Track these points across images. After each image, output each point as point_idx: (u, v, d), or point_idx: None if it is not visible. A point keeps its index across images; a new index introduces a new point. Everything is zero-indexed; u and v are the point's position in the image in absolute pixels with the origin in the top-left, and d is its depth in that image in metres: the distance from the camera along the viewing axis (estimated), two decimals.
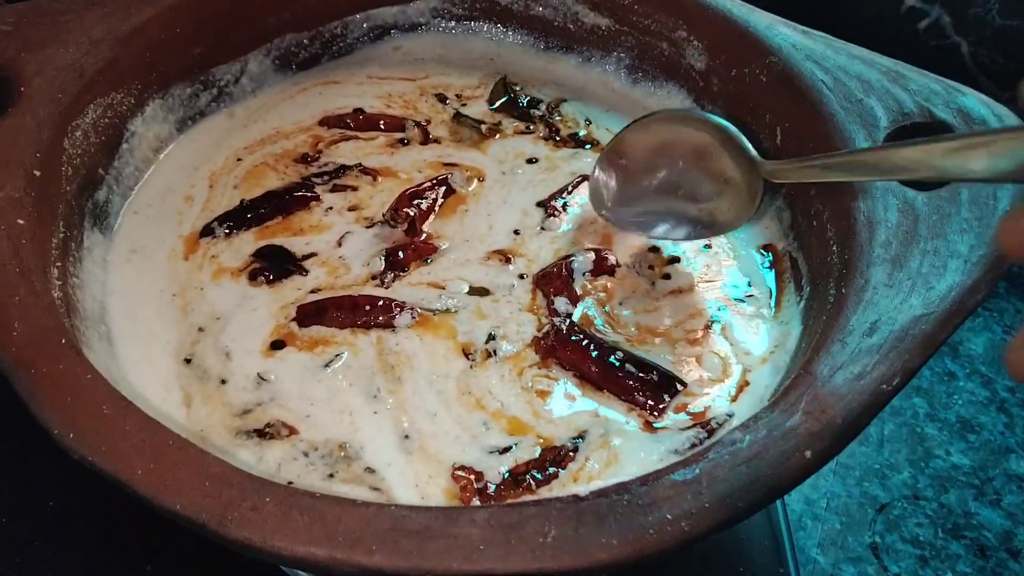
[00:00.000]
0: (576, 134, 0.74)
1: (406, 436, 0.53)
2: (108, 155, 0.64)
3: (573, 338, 0.58)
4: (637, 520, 0.41)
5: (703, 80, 0.73)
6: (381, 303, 0.59)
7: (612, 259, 0.64)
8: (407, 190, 0.66)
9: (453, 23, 0.80)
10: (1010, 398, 0.80)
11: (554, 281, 0.62)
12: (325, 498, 0.41)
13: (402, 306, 0.59)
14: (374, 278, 0.62)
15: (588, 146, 0.73)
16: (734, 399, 0.56)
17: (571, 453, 0.52)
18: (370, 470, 0.51)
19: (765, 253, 0.65)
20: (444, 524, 0.40)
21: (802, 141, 0.63)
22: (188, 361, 0.57)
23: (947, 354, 0.84)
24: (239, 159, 0.70)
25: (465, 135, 0.72)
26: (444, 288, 0.62)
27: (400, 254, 0.63)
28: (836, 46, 0.66)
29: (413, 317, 0.59)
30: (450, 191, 0.68)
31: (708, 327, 0.60)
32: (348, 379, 0.56)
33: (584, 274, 0.63)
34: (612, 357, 0.57)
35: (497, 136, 0.73)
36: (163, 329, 0.58)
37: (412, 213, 0.65)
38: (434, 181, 0.68)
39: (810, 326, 0.56)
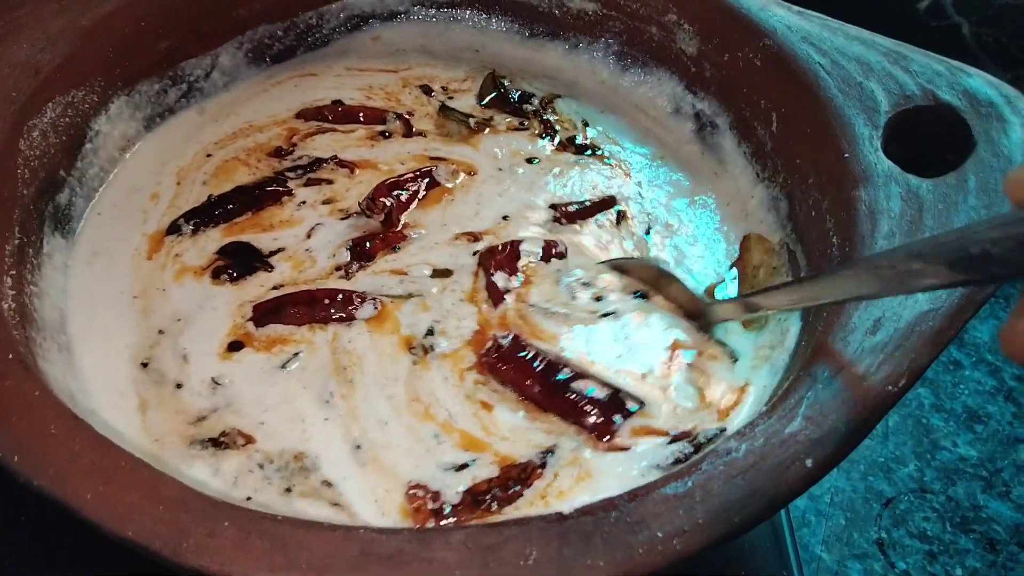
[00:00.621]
0: (574, 138, 0.71)
1: (357, 446, 0.50)
2: (70, 156, 0.61)
3: (519, 354, 0.54)
4: (625, 539, 0.38)
5: (695, 65, 0.70)
6: (341, 296, 0.57)
7: (562, 247, 0.62)
8: (386, 180, 0.64)
9: (434, 11, 0.77)
10: (1018, 387, 0.79)
11: (496, 256, 0.60)
12: (287, 521, 0.38)
13: (363, 297, 0.57)
14: (338, 269, 0.59)
15: (589, 152, 0.70)
16: (724, 416, 0.52)
17: (538, 469, 0.49)
18: (327, 483, 0.49)
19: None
20: (417, 548, 0.38)
21: (799, 127, 0.61)
22: (145, 365, 0.54)
23: (952, 342, 0.82)
24: (209, 155, 0.67)
25: (452, 129, 0.69)
26: (407, 274, 0.59)
27: (367, 244, 0.61)
28: (833, 27, 0.63)
29: (375, 307, 0.57)
30: (434, 184, 0.65)
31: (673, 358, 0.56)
32: (302, 381, 0.53)
33: (530, 256, 0.61)
34: (559, 374, 0.53)
35: (488, 131, 0.70)
36: (122, 332, 0.56)
37: (389, 203, 0.62)
38: (417, 173, 0.65)
39: (810, 323, 0.53)
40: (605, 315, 0.58)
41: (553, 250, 0.62)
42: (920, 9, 0.94)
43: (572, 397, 0.52)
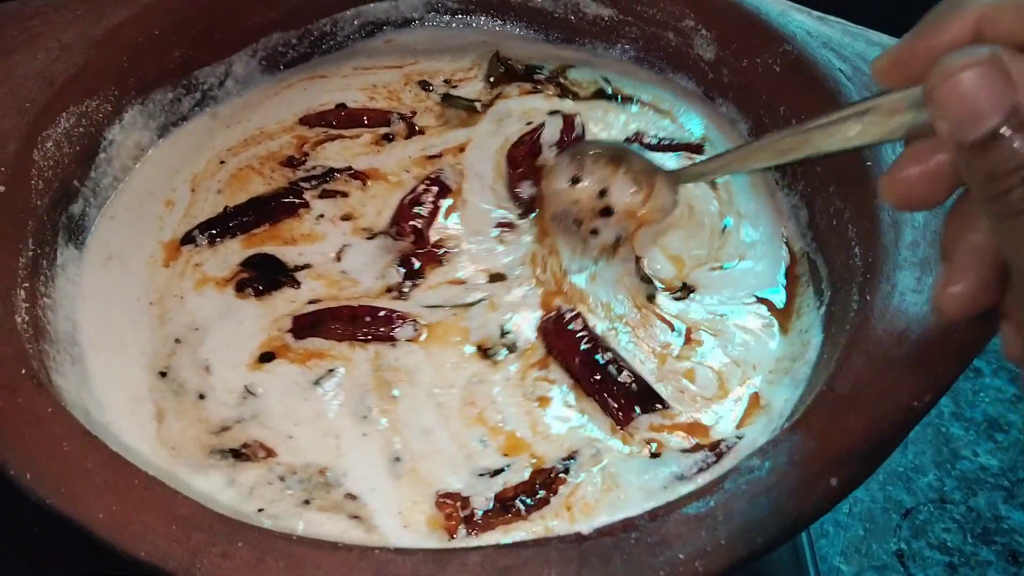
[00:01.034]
0: (602, 91, 0.70)
1: (396, 458, 0.50)
2: (84, 166, 0.61)
3: (570, 327, 0.55)
4: (646, 560, 0.37)
5: (712, 71, 0.69)
6: (382, 314, 0.56)
7: (579, 127, 0.63)
8: (404, 199, 0.63)
9: (448, 17, 0.76)
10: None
11: (520, 148, 0.61)
12: (302, 541, 0.38)
13: (404, 317, 0.56)
14: (390, 290, 0.58)
15: (619, 99, 0.70)
16: (741, 423, 0.52)
17: (562, 475, 0.49)
18: (351, 496, 0.48)
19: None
20: (433, 569, 0.37)
21: None
22: (163, 374, 0.54)
23: None
24: (222, 162, 0.66)
25: (452, 116, 0.69)
26: (465, 283, 0.59)
27: (414, 260, 0.60)
28: (854, 32, 0.62)
29: (415, 329, 0.56)
30: (444, 188, 0.64)
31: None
32: (339, 398, 0.53)
33: (551, 147, 0.62)
34: (599, 356, 0.54)
35: (495, 104, 0.70)
36: (137, 339, 0.55)
37: (418, 225, 0.61)
38: (427, 182, 0.64)
39: (832, 335, 0.52)
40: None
41: (571, 131, 0.63)
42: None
43: (603, 378, 0.53)
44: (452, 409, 0.52)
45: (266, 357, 0.54)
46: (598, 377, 0.53)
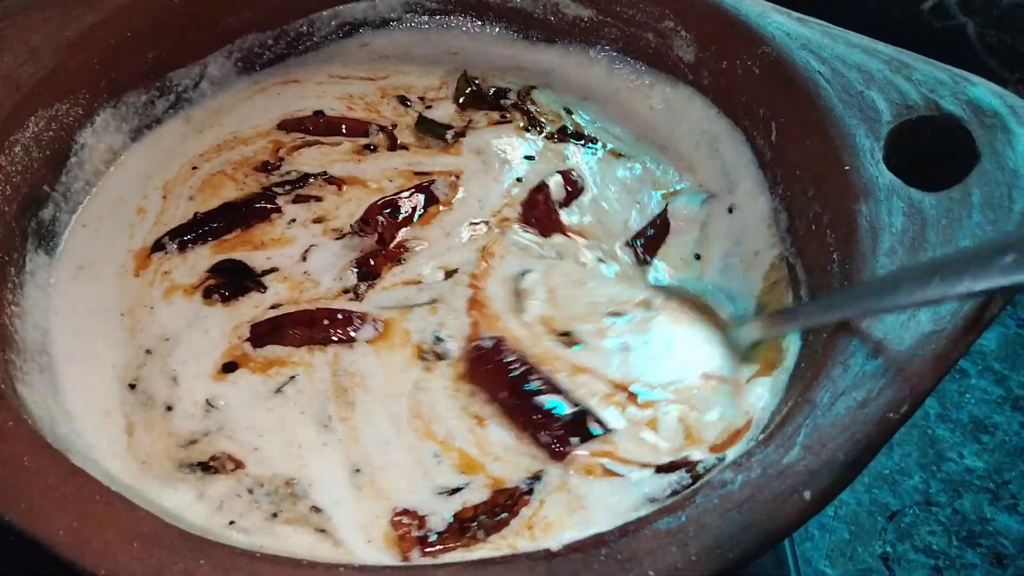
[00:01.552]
0: (565, 128, 0.69)
1: (357, 469, 0.49)
2: (54, 170, 0.60)
3: (497, 357, 0.53)
4: None
5: (692, 73, 0.68)
6: (340, 316, 0.56)
7: (579, 179, 0.65)
8: (379, 199, 0.62)
9: (426, 17, 0.75)
10: None
11: (536, 209, 0.61)
12: (266, 558, 0.37)
13: (363, 318, 0.56)
14: (346, 292, 0.58)
15: (581, 140, 0.69)
16: (720, 448, 0.51)
17: (524, 496, 0.48)
18: (316, 509, 0.47)
19: None
20: None
21: (799, 137, 0.59)
22: (132, 387, 0.53)
23: None
24: (195, 167, 0.65)
25: (432, 142, 0.68)
26: (421, 282, 0.58)
27: (371, 261, 0.59)
28: (834, 34, 0.61)
29: (376, 329, 0.56)
30: (432, 199, 0.64)
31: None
32: (300, 406, 0.52)
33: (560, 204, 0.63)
34: (529, 384, 0.52)
35: (467, 134, 0.69)
36: (109, 351, 0.55)
37: (382, 221, 0.60)
38: (413, 189, 0.64)
39: (810, 343, 0.51)
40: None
41: (571, 187, 0.64)
42: (924, 9, 0.93)
43: (533, 409, 0.51)
44: (403, 420, 0.52)
45: (228, 367, 0.54)
46: (528, 408, 0.51)
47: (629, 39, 0.71)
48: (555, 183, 0.64)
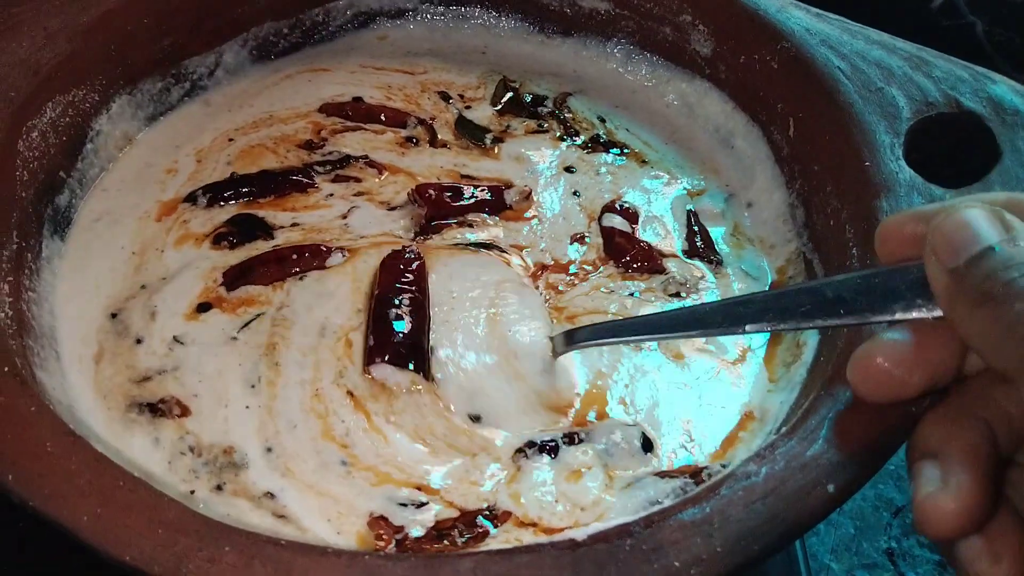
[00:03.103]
0: (598, 136, 0.69)
1: (268, 448, 0.49)
2: (70, 156, 0.60)
3: (400, 262, 0.56)
4: (640, 568, 0.37)
5: (710, 67, 0.68)
6: (309, 250, 0.57)
7: (629, 206, 0.64)
8: (446, 182, 0.64)
9: (442, 8, 0.75)
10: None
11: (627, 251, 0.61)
12: (291, 546, 0.37)
13: (329, 246, 0.58)
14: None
15: (616, 150, 0.68)
16: (719, 455, 0.50)
17: (506, 512, 0.47)
18: (270, 495, 0.47)
19: None
20: (425, 574, 0.36)
21: (817, 133, 0.59)
22: (114, 316, 0.54)
23: None
24: (231, 139, 0.66)
25: (470, 144, 0.68)
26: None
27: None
28: (853, 30, 0.61)
29: (343, 255, 0.57)
30: (500, 205, 0.63)
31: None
32: (240, 356, 0.53)
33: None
34: (396, 302, 0.54)
35: (506, 140, 0.68)
36: (110, 283, 0.56)
37: (433, 195, 0.61)
38: (486, 186, 0.64)
39: (828, 337, 0.51)
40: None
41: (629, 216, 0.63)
42: (934, 8, 0.93)
43: (383, 321, 0.53)
44: (306, 400, 0.51)
45: (203, 307, 0.55)
46: (380, 319, 0.52)
47: (646, 32, 0.71)
48: (619, 222, 0.63)
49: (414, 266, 0.56)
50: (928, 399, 0.40)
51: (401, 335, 0.52)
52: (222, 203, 0.61)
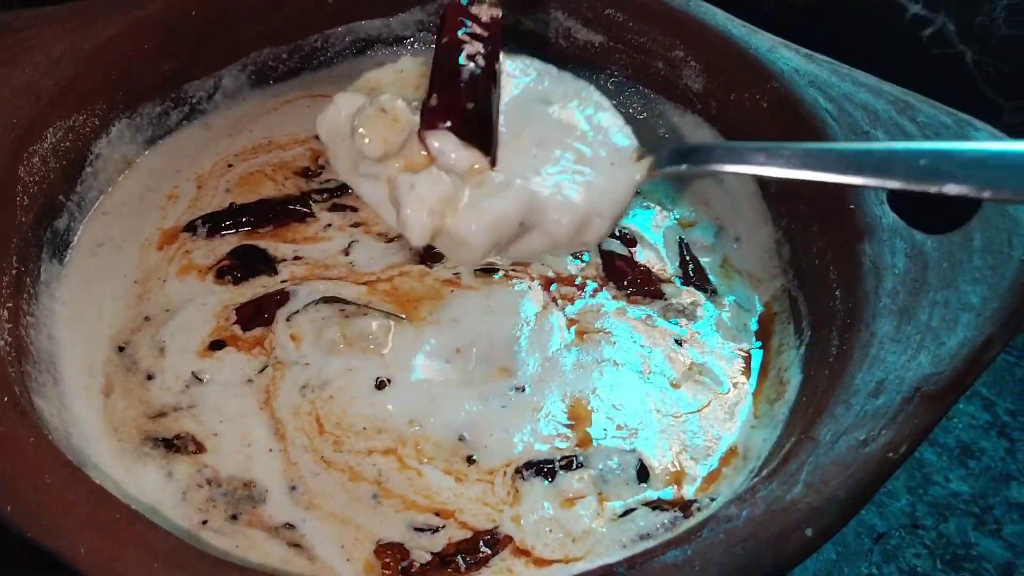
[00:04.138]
0: None
1: (293, 487, 0.50)
2: (70, 180, 0.60)
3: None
4: None
5: (701, 102, 0.69)
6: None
7: (627, 231, 0.65)
8: None
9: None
10: (1011, 422, 0.79)
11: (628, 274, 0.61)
12: None
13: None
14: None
15: None
16: (703, 489, 0.52)
17: (507, 537, 0.49)
18: (290, 526, 0.48)
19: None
20: None
21: None
22: (121, 349, 0.55)
23: None
24: (230, 165, 0.67)
25: None
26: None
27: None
28: (841, 72, 0.62)
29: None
30: None
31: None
32: (260, 400, 0.53)
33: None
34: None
35: None
36: (112, 312, 0.57)
37: None
38: None
39: (811, 377, 0.52)
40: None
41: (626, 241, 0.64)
42: (924, 37, 0.94)
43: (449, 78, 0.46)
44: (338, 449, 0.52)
45: (216, 345, 0.55)
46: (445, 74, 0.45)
47: (639, 66, 0.72)
48: (617, 246, 0.64)
49: (487, 19, 0.47)
50: None
51: (472, 103, 0.44)
52: (222, 233, 0.62)
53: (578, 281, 0.62)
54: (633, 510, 0.50)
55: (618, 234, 0.65)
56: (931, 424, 0.45)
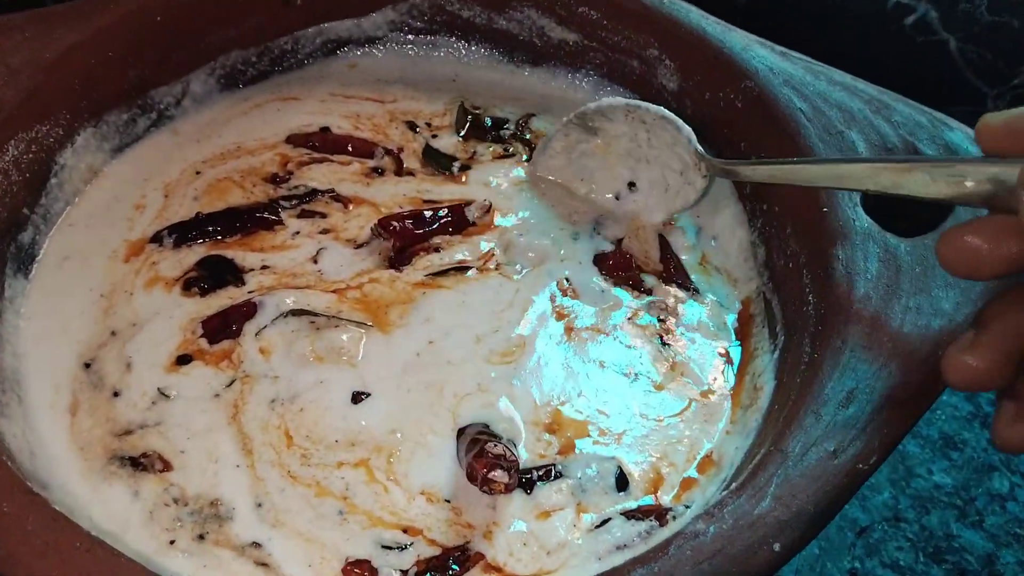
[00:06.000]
0: None
1: (259, 504, 0.50)
2: (34, 193, 0.59)
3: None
4: None
5: (676, 101, 0.69)
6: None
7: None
8: (404, 210, 0.64)
9: (412, 37, 0.75)
10: (993, 412, 0.79)
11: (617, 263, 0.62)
12: None
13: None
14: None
15: None
16: (679, 497, 0.51)
17: (478, 554, 0.48)
18: (256, 544, 0.48)
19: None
20: None
21: None
22: (88, 365, 0.54)
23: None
24: (198, 172, 0.65)
25: (437, 173, 0.68)
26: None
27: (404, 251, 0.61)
28: (816, 71, 0.62)
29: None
30: (463, 223, 0.64)
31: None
32: (228, 415, 0.53)
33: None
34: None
35: (473, 167, 0.68)
36: (79, 327, 0.56)
37: (397, 227, 0.61)
38: (448, 209, 0.64)
39: (784, 384, 0.52)
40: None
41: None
42: (907, 25, 0.93)
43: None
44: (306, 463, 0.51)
45: (183, 360, 0.55)
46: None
47: (613, 65, 0.71)
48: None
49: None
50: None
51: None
52: (189, 244, 0.61)
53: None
54: (609, 520, 0.49)
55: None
56: (902, 433, 0.44)
